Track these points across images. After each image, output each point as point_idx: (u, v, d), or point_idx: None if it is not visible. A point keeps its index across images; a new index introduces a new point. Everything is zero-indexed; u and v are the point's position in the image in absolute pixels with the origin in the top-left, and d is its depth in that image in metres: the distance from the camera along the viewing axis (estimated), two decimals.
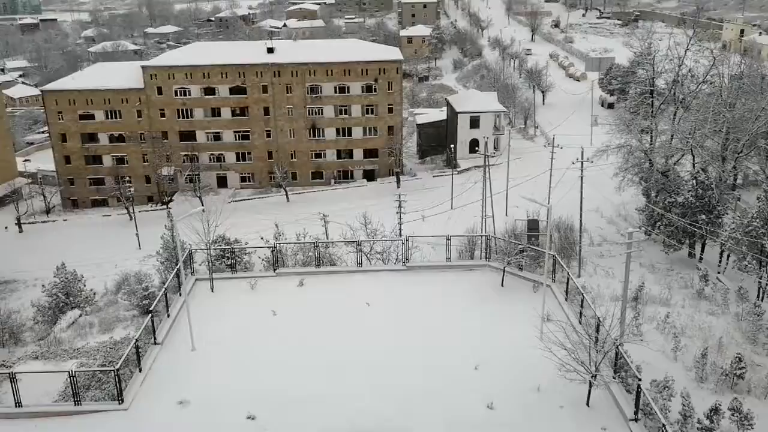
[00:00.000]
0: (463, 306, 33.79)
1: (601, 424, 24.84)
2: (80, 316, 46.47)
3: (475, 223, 61.27)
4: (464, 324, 32.10)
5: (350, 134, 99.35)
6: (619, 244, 53.40)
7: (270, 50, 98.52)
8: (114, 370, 26.88)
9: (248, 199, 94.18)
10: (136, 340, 29.08)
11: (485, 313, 32.94)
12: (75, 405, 26.85)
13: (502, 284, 35.84)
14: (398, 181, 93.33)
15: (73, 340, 40.74)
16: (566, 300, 33.36)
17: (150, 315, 31.10)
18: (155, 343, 30.80)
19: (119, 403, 26.74)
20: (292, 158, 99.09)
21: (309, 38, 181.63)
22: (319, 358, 29.44)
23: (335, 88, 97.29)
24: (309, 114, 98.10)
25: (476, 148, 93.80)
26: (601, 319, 27.67)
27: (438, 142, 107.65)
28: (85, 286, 50.34)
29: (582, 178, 52.63)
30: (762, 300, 40.95)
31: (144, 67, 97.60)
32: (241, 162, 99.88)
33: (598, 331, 27.47)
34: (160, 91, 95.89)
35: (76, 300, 48.16)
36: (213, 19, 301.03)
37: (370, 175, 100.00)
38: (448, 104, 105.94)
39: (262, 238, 53.19)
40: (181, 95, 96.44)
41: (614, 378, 26.41)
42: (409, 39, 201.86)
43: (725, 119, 53.01)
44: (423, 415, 25.65)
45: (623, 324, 31.95)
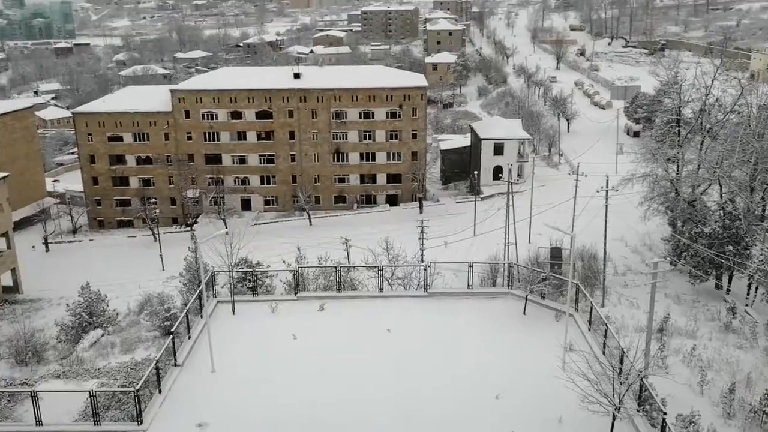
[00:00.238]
0: (484, 334, 33.44)
1: None
2: (102, 335, 46.81)
3: (498, 250, 60.85)
4: (485, 352, 31.73)
5: (374, 159, 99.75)
6: (644, 274, 52.62)
7: (296, 75, 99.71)
8: (134, 391, 26.93)
9: (271, 222, 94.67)
10: (157, 361, 29.16)
11: (507, 342, 32.55)
12: (94, 425, 26.91)
13: (524, 312, 35.45)
14: (421, 206, 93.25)
15: (95, 359, 41.00)
16: (589, 330, 32.86)
17: (171, 336, 31.20)
18: (175, 365, 30.85)
19: (138, 424, 26.74)
20: (315, 182, 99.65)
21: (335, 64, 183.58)
22: (338, 383, 29.24)
23: (360, 113, 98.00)
24: (333, 139, 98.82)
25: (500, 175, 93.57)
26: (625, 350, 27.17)
27: (461, 168, 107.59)
28: (108, 306, 50.77)
29: (606, 206, 52.14)
30: None
31: (172, 91, 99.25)
32: (266, 185, 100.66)
33: (622, 362, 26.95)
34: (187, 114, 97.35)
35: (99, 320, 48.56)
36: (241, 44, 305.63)
37: (393, 200, 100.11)
38: (472, 131, 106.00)
39: (284, 261, 53.28)
40: (208, 119, 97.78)
41: (638, 411, 25.84)
42: (434, 66, 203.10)
43: (754, 149, 52.26)
44: None
45: (648, 355, 31.35)
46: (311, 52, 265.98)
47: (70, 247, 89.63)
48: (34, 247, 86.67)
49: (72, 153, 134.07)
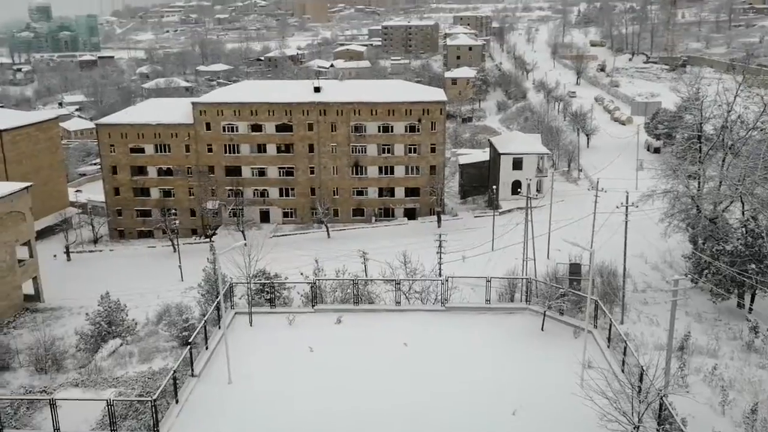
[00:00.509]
0: (502, 349, 33.24)
1: None
2: (121, 345, 47.19)
3: (516, 265, 60.52)
4: (503, 368, 31.52)
5: (392, 173, 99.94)
6: (664, 291, 52.10)
7: (317, 89, 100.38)
8: (151, 401, 27.07)
9: (290, 235, 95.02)
10: (174, 372, 29.31)
11: (524, 358, 32.32)
12: None
13: (542, 328, 35.20)
14: (439, 220, 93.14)
15: (113, 369, 41.31)
16: (608, 347, 32.53)
17: (189, 347, 31.37)
18: (192, 375, 30.97)
19: None
20: (334, 195, 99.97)
21: (355, 78, 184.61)
22: (354, 396, 29.18)
23: (379, 127, 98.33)
24: (352, 152, 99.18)
25: (518, 190, 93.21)
26: (644, 368, 26.86)
27: (480, 182, 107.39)
28: (127, 315, 51.23)
29: (626, 222, 51.75)
30: None
31: (194, 104, 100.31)
32: (285, 197, 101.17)
33: (641, 380, 26.64)
34: (208, 126, 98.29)
35: (118, 329, 48.98)
36: (262, 58, 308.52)
37: (411, 214, 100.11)
38: (491, 145, 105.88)
39: (301, 273, 53.50)
40: (228, 131, 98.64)
41: (658, 430, 25.48)
42: (454, 80, 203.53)
43: None
44: None
45: (668, 374, 30.96)
46: (332, 66, 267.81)
47: (91, 257, 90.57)
48: (55, 256, 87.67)
49: (95, 164, 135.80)
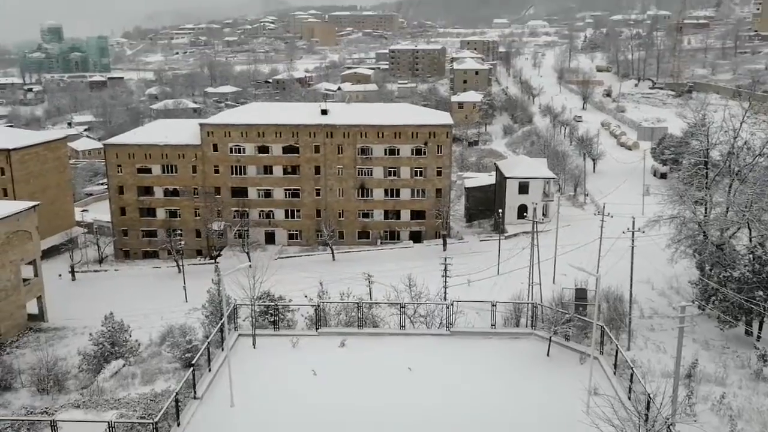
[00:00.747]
0: (506, 375, 32.92)
1: None
2: (124, 366, 46.98)
3: (522, 290, 60.25)
4: (507, 394, 31.20)
5: (398, 195, 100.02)
6: (671, 317, 51.63)
7: (324, 112, 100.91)
8: (152, 423, 26.87)
9: (295, 257, 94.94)
10: (177, 394, 29.10)
11: (529, 384, 31.99)
12: None
13: (547, 354, 34.88)
14: (445, 243, 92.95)
15: (115, 390, 41.06)
16: (615, 374, 32.20)
17: (191, 369, 31.17)
18: (195, 398, 30.75)
19: None
20: (339, 217, 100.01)
21: (362, 101, 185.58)
22: (357, 420, 28.88)
23: (385, 149, 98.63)
24: (358, 174, 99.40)
25: (524, 214, 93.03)
26: (651, 395, 26.54)
27: (486, 206, 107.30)
28: (130, 336, 51.08)
29: (633, 248, 51.49)
30: None
31: (202, 125, 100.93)
32: (290, 219, 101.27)
33: (648, 408, 26.30)
34: (215, 147, 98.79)
35: (121, 350, 48.81)
36: (270, 80, 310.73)
37: (416, 237, 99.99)
38: (497, 169, 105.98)
39: (306, 296, 53.29)
40: (235, 152, 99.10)
41: None
42: (460, 104, 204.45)
43: None
44: None
45: (675, 402, 30.57)
46: (339, 88, 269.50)
47: (96, 277, 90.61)
48: (60, 275, 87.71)
49: (102, 183, 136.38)
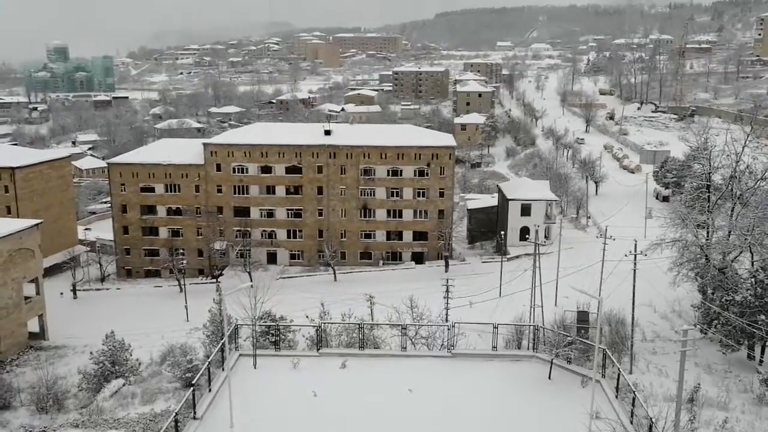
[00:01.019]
0: (508, 398, 32.76)
1: None
2: (124, 385, 46.83)
3: (524, 312, 60.10)
4: (509, 417, 31.03)
5: (401, 216, 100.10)
6: (673, 341, 51.46)
7: (327, 132, 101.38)
8: None
9: (296, 277, 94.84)
10: (176, 414, 28.97)
11: (531, 407, 31.82)
12: None
13: (549, 377, 34.73)
14: (447, 265, 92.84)
15: (115, 409, 40.91)
16: (617, 397, 32.03)
17: (191, 389, 31.07)
18: (194, 418, 30.60)
19: None
20: (341, 237, 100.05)
21: (366, 122, 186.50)
22: None
23: (388, 170, 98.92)
24: (361, 195, 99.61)
25: (527, 236, 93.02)
26: (653, 419, 26.40)
27: (488, 227, 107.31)
28: (131, 355, 50.96)
29: (635, 271, 51.44)
30: None
31: (205, 144, 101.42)
32: (292, 239, 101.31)
33: None
34: (219, 167, 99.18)
35: (122, 369, 48.67)
36: (274, 101, 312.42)
37: (418, 258, 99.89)
38: (500, 191, 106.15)
39: (307, 316, 53.20)
40: (238, 172, 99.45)
41: None
42: (463, 126, 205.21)
43: None
44: None
45: (677, 427, 30.36)
46: (342, 110, 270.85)
47: (97, 295, 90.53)
48: (62, 293, 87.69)
49: (105, 202, 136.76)
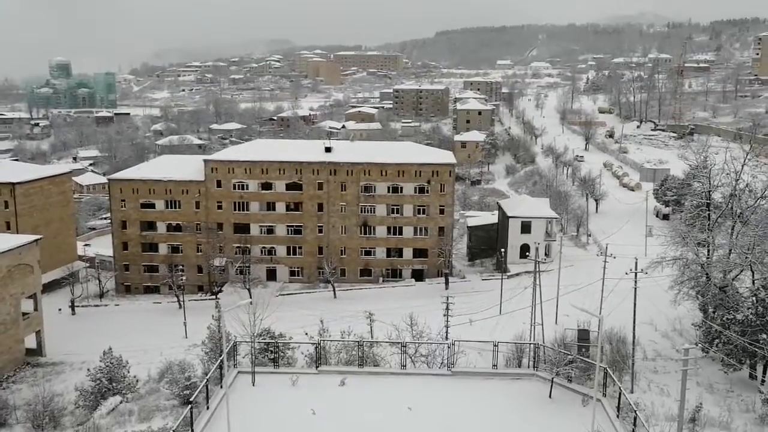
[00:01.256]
0: (508, 416, 32.50)
1: None
2: (121, 402, 46.48)
3: (524, 330, 59.82)
4: None
5: (401, 233, 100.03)
6: (674, 360, 51.16)
7: (328, 149, 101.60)
8: None
9: (295, 294, 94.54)
10: None
11: (531, 426, 31.57)
12: None
13: (549, 396, 34.48)
14: (447, 282, 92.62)
15: (112, 427, 40.59)
16: (618, 417, 31.77)
17: (189, 406, 30.83)
18: None
19: None
20: (341, 254, 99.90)
21: (366, 140, 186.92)
22: None
23: (389, 187, 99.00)
24: (361, 212, 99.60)
25: (527, 254, 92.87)
26: None
27: (488, 245, 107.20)
28: (129, 372, 50.64)
29: (636, 289, 51.26)
30: None
31: (206, 161, 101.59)
32: (292, 256, 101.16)
33: None
34: (219, 184, 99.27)
35: (119, 386, 48.35)
36: (275, 118, 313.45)
37: (418, 275, 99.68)
38: (500, 208, 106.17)
39: (306, 333, 52.97)
40: (239, 189, 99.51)
41: None
42: (463, 144, 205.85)
43: None
44: None
45: None
46: (343, 127, 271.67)
47: (96, 312, 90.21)
48: (60, 309, 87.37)
49: (105, 218, 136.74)
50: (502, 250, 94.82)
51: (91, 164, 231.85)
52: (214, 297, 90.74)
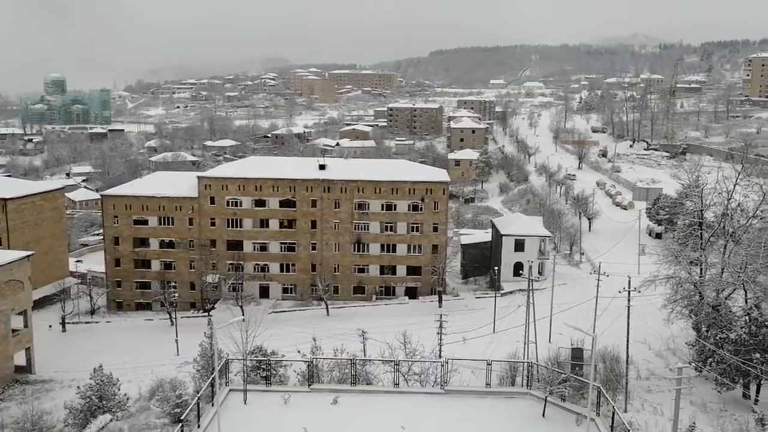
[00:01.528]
0: None
1: None
2: (111, 421, 46.00)
3: (518, 348, 59.67)
4: None
5: (394, 251, 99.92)
6: (668, 379, 51.08)
7: (322, 167, 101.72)
8: None
9: (288, 311, 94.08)
10: None
11: None
12: None
13: (543, 414, 34.30)
14: (440, 300, 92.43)
15: None
16: None
17: (180, 425, 30.52)
18: None
19: None
20: (335, 272, 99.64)
21: (360, 157, 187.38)
22: None
23: (382, 205, 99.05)
24: (355, 229, 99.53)
25: (520, 272, 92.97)
26: None
27: (482, 263, 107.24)
28: (119, 390, 50.16)
29: (629, 307, 51.27)
30: None
31: (200, 177, 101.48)
32: (285, 273, 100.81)
33: None
34: (212, 200, 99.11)
35: (109, 404, 47.87)
36: (269, 135, 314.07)
37: (412, 293, 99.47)
38: (493, 226, 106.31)
39: (299, 351, 52.67)
40: (232, 205, 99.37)
41: None
42: (457, 162, 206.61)
43: None
44: None
45: None
46: (337, 144, 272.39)
47: (87, 328, 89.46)
48: (51, 326, 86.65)
49: (97, 234, 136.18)
50: (496, 268, 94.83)
51: (84, 180, 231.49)
52: (206, 314, 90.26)
